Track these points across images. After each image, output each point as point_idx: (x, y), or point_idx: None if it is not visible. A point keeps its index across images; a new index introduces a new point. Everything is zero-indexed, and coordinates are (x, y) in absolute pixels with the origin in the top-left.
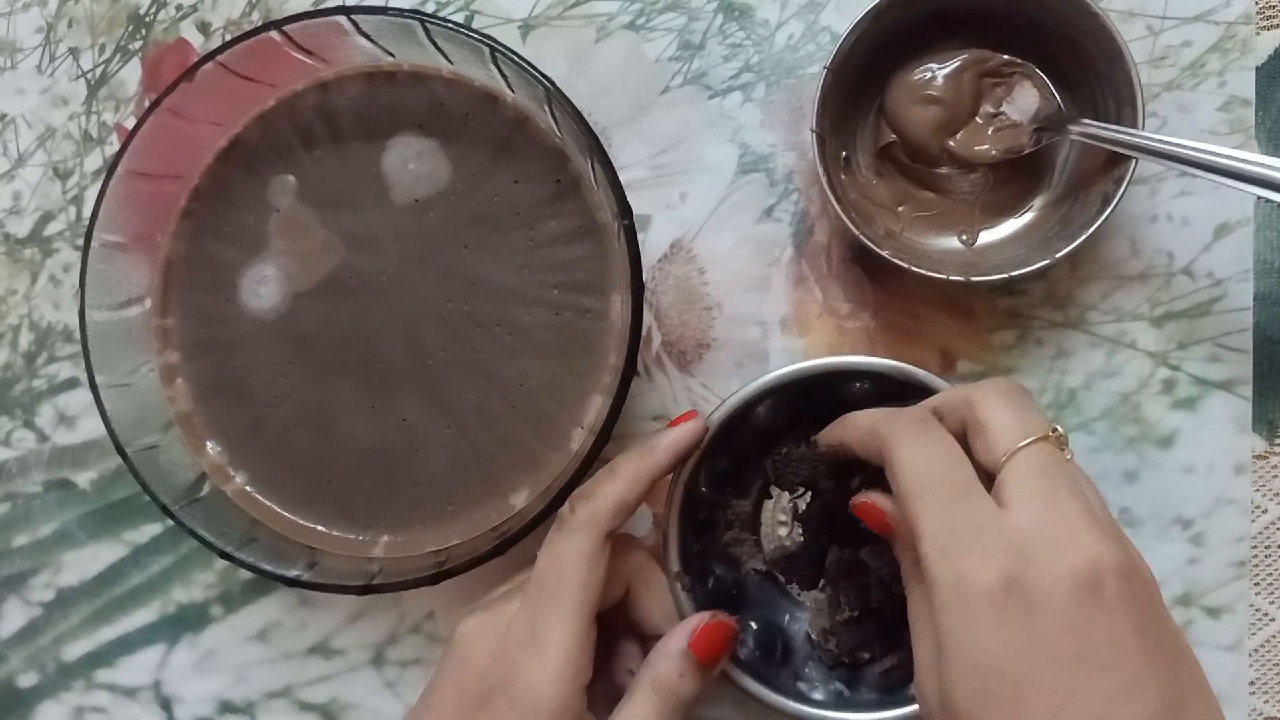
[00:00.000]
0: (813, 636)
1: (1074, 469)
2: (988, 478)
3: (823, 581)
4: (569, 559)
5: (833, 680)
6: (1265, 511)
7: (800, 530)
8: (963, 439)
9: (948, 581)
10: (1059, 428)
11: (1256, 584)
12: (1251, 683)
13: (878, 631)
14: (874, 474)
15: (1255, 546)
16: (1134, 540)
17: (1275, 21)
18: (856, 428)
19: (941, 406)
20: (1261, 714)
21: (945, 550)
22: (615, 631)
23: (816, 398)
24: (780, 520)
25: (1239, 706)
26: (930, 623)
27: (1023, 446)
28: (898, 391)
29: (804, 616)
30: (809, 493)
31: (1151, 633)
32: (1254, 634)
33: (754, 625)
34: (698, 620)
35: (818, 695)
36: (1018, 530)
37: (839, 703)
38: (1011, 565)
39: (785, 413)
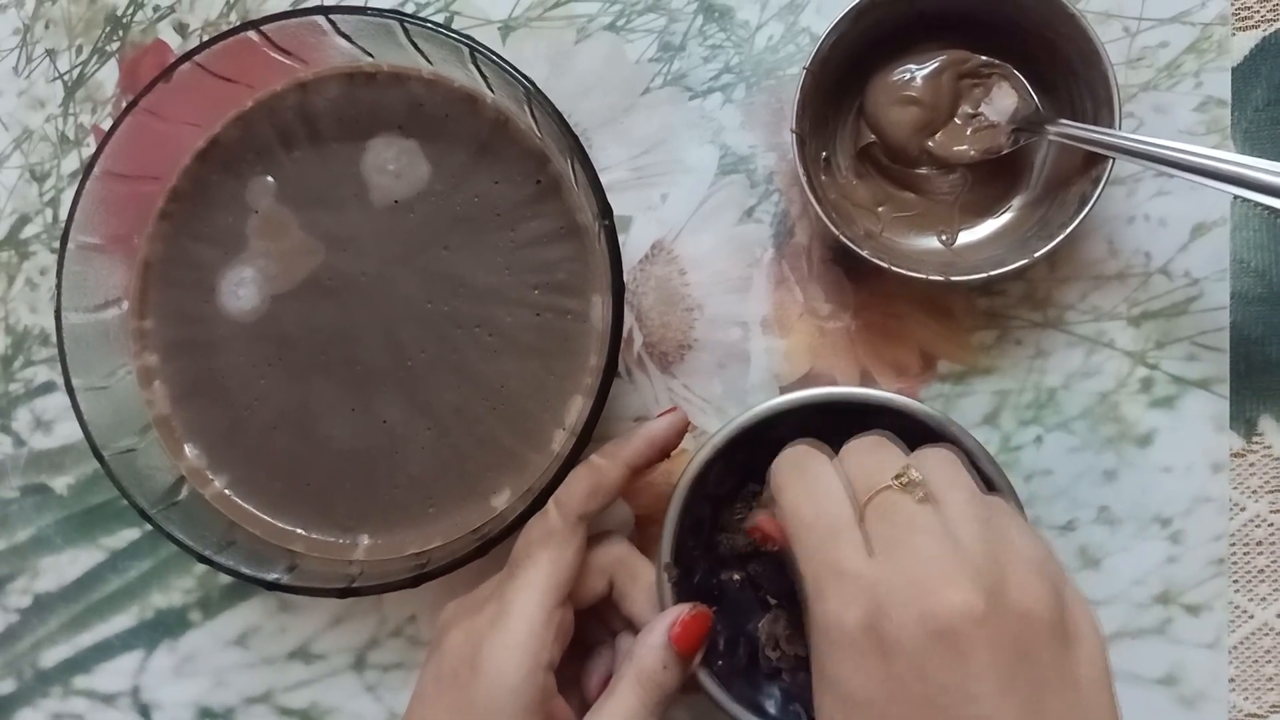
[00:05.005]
0: (760, 640)
1: (928, 512)
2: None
3: (774, 600)
4: (538, 538)
5: (793, 702)
6: (1243, 509)
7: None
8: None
9: (818, 621)
10: (912, 473)
11: (1235, 581)
12: (1231, 679)
13: None
14: None
15: (1234, 544)
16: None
17: (1251, 23)
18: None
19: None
20: (1242, 711)
21: (813, 593)
22: (614, 630)
23: (843, 425)
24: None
25: (1219, 704)
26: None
27: (870, 498)
28: (922, 436)
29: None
30: None
31: (1009, 672)
32: (1233, 631)
33: (722, 630)
34: (677, 612)
35: (772, 711)
36: (875, 577)
37: None
38: (868, 611)
39: (811, 433)
